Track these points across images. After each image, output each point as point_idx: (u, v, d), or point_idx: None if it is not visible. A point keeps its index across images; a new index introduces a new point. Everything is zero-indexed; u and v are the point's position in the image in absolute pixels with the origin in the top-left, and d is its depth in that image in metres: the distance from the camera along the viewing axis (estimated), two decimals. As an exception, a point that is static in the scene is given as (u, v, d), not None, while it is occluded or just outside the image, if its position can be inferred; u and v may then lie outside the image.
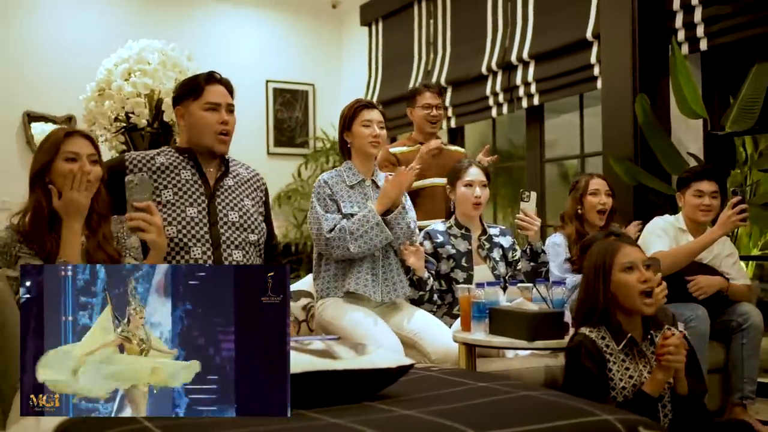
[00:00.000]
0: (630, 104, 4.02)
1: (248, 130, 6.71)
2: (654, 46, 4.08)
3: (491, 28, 5.33)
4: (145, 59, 4.15)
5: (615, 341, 2.19)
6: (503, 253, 3.22)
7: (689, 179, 3.43)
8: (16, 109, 5.72)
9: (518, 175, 6.13)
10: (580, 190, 3.31)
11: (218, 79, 2.68)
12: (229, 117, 2.64)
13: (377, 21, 6.59)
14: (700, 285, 3.23)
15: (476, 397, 1.79)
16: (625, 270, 2.20)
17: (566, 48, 4.65)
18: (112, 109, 4.04)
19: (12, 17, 5.79)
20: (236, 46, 6.70)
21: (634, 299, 2.18)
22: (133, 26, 5.97)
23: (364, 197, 3.04)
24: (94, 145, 2.34)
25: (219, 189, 2.61)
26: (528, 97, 5.01)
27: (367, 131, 3.02)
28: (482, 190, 3.18)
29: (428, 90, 4.00)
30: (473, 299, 2.54)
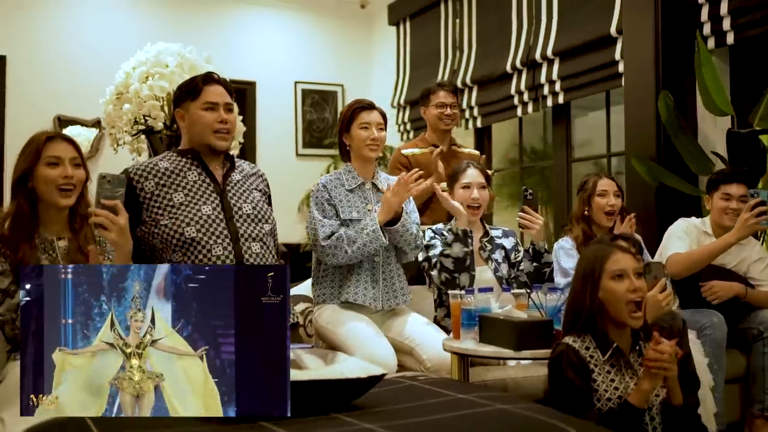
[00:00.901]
0: (653, 102, 3.88)
1: (277, 132, 6.75)
2: (679, 41, 3.92)
3: (516, 25, 5.22)
4: (163, 62, 4.18)
5: (600, 351, 2.08)
6: (506, 255, 3.13)
7: (718, 181, 3.31)
8: (48, 114, 5.82)
9: (551, 174, 6.01)
10: (587, 191, 3.19)
11: (216, 79, 2.68)
12: (228, 116, 2.63)
13: (405, 20, 6.53)
14: (714, 290, 3.10)
15: (449, 410, 1.73)
16: (615, 278, 2.08)
17: (590, 44, 4.51)
18: (130, 113, 4.08)
19: (43, 22, 5.90)
20: (265, 48, 6.71)
21: (621, 310, 2.06)
22: (162, 30, 6.04)
23: (364, 201, 2.97)
24: (76, 149, 2.33)
25: (228, 184, 2.61)
26: (553, 95, 4.88)
27: (365, 134, 2.95)
28: (480, 192, 3.09)
29: (442, 89, 3.92)
30: (463, 306, 2.45)
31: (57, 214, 2.30)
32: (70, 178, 2.26)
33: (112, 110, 4.19)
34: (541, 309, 2.44)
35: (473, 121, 5.68)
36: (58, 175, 2.25)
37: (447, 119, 3.88)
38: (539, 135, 6.34)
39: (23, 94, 5.76)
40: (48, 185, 2.23)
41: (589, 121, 5.56)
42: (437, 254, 2.98)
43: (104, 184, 2.18)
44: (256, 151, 6.66)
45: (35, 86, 5.80)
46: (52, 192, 2.25)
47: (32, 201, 2.26)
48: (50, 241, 2.28)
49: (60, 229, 2.31)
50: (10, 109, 5.73)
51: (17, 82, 5.76)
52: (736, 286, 3.14)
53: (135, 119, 4.10)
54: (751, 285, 3.22)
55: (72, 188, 2.27)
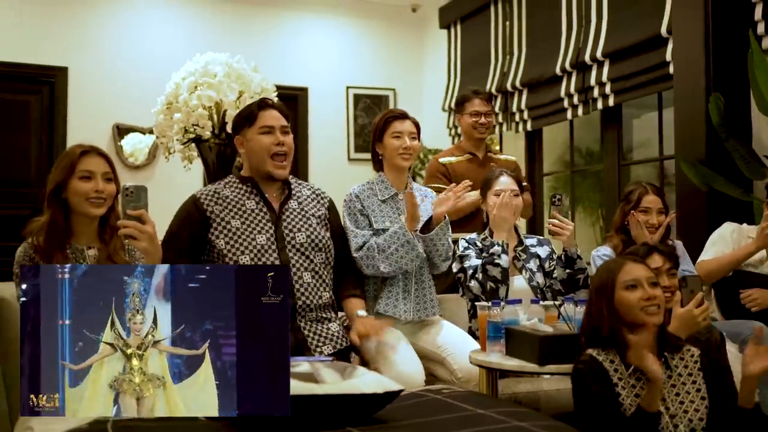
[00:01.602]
0: (703, 104, 3.76)
1: (329, 137, 6.80)
2: (731, 41, 3.79)
3: (565, 27, 5.14)
4: (211, 72, 4.27)
5: (624, 365, 2.04)
6: (540, 264, 3.08)
7: None
8: (107, 122, 6.01)
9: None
10: (631, 204, 3.09)
11: (270, 104, 2.76)
12: (285, 138, 2.70)
13: (455, 23, 6.49)
14: (753, 297, 3.01)
15: (464, 426, 1.72)
16: (628, 288, 2.06)
17: (641, 45, 4.40)
18: (180, 122, 4.18)
19: (101, 34, 6.10)
20: (316, 54, 6.78)
21: (636, 313, 2.04)
22: (216, 38, 6.17)
23: (396, 211, 2.97)
24: (109, 163, 2.41)
25: (284, 213, 2.67)
26: (603, 97, 4.78)
27: (397, 143, 2.95)
28: (513, 200, 3.05)
29: (477, 97, 3.89)
30: (489, 318, 2.42)
31: (88, 225, 2.38)
32: (101, 193, 2.34)
33: (163, 120, 4.31)
34: (570, 322, 2.39)
35: (523, 124, 5.62)
36: (90, 189, 2.33)
37: (481, 128, 3.85)
38: (594, 137, 6.23)
39: (84, 104, 5.96)
40: (79, 197, 2.31)
41: (649, 122, 5.42)
42: (477, 265, 2.96)
43: (128, 195, 2.24)
44: (308, 157, 6.73)
45: (95, 96, 5.99)
46: (83, 203, 2.33)
47: (65, 212, 2.35)
48: (80, 250, 2.36)
49: (90, 239, 2.39)
50: (72, 117, 5.94)
51: (78, 92, 5.97)
52: None
53: (185, 128, 4.21)
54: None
55: (103, 200, 2.36)
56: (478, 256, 3.01)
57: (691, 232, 3.71)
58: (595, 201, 6.34)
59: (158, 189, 4.70)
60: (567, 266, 2.98)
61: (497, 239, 2.97)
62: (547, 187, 6.02)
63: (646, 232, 2.99)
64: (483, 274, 2.92)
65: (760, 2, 3.71)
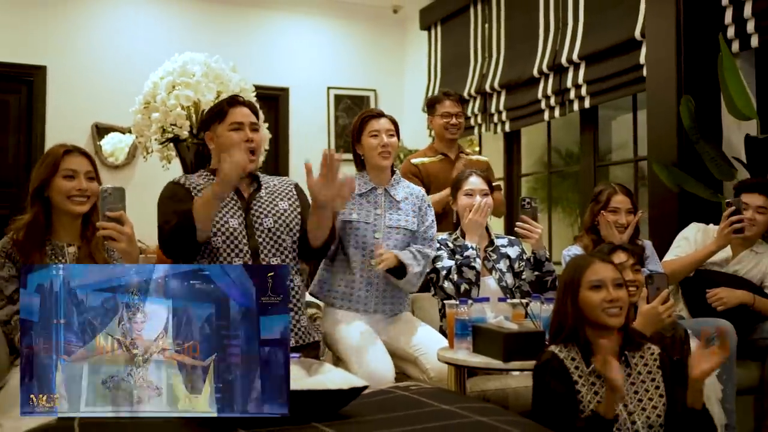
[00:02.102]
0: (675, 106, 3.82)
1: (310, 137, 6.81)
2: (702, 45, 3.85)
3: (543, 29, 5.19)
4: (189, 72, 4.28)
5: (585, 363, 2.08)
6: (510, 264, 3.11)
7: (740, 190, 3.31)
8: (86, 121, 5.99)
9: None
10: (600, 204, 3.14)
11: (241, 101, 2.78)
12: (254, 135, 2.72)
13: (436, 25, 6.54)
14: (720, 296, 3.06)
15: (426, 421, 1.75)
16: (593, 288, 2.09)
17: (616, 48, 4.46)
18: (158, 121, 4.19)
19: (81, 33, 6.08)
20: (298, 54, 6.79)
21: (598, 313, 2.07)
22: (196, 38, 6.17)
23: (374, 205, 2.99)
24: (91, 162, 2.46)
25: (253, 200, 2.70)
26: (579, 99, 4.84)
27: (375, 141, 2.98)
28: (483, 199, 3.08)
29: (448, 98, 3.93)
30: (457, 316, 2.46)
31: (70, 222, 2.42)
32: (83, 191, 2.40)
33: (140, 119, 4.32)
34: (537, 319, 2.43)
35: (502, 125, 5.66)
36: (72, 187, 2.38)
37: (452, 128, 3.90)
38: (574, 139, 6.29)
39: (63, 103, 5.94)
40: (61, 195, 2.36)
41: (627, 123, 5.48)
42: (450, 266, 2.98)
43: (106, 196, 2.26)
44: (289, 157, 6.74)
45: (74, 95, 5.97)
46: (65, 201, 2.38)
47: (47, 210, 2.39)
48: (60, 248, 2.39)
49: (71, 237, 2.43)
50: (51, 117, 5.92)
51: (57, 92, 5.94)
52: (741, 293, 3.09)
53: (163, 128, 4.22)
54: (765, 294, 3.16)
55: (86, 198, 2.40)
56: (450, 257, 3.04)
57: (663, 232, 3.77)
58: (573, 201, 6.40)
59: (138, 189, 4.72)
60: (535, 268, 3.02)
61: (470, 242, 3.00)
62: (525, 188, 6.07)
63: (615, 232, 3.04)
64: (458, 275, 2.95)
65: (730, 6, 3.77)
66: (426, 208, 3.07)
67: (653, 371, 2.13)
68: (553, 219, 5.80)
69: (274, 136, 6.42)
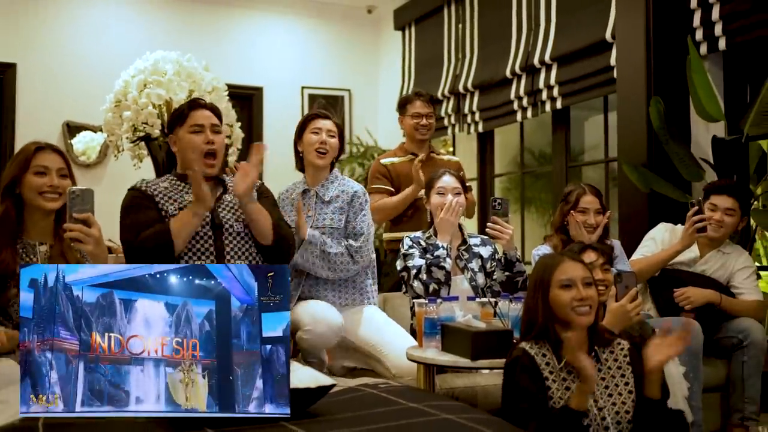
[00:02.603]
0: (644, 107, 3.86)
1: (283, 137, 6.72)
2: (671, 47, 3.90)
3: (515, 30, 5.22)
4: (161, 70, 4.25)
5: (556, 358, 2.10)
6: (482, 264, 3.12)
7: (709, 191, 3.36)
8: (57, 120, 5.92)
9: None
10: (569, 204, 3.16)
11: (202, 104, 2.79)
12: (215, 137, 2.71)
13: (410, 25, 6.55)
14: (687, 295, 3.11)
15: (395, 419, 1.76)
16: (563, 287, 2.11)
17: (587, 49, 4.50)
18: (130, 120, 4.15)
19: (51, 30, 6.00)
20: (272, 53, 6.76)
21: (567, 312, 2.09)
22: (170, 36, 6.13)
23: (306, 207, 3.04)
24: (64, 160, 2.44)
25: (220, 206, 2.68)
26: (551, 100, 4.88)
27: (314, 137, 3.02)
28: (455, 198, 3.09)
29: (418, 98, 3.95)
30: (425, 315, 2.47)
31: (42, 219, 2.40)
32: (55, 187, 2.37)
33: (111, 118, 4.28)
34: (504, 318, 2.45)
35: (475, 125, 5.69)
36: (43, 184, 2.36)
37: (423, 129, 3.91)
38: (548, 140, 6.34)
39: (33, 101, 5.86)
40: (33, 192, 2.34)
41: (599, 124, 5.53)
42: (421, 265, 2.98)
43: (74, 198, 2.24)
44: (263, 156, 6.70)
45: (44, 93, 5.90)
46: (37, 198, 2.36)
47: (19, 207, 2.37)
48: (32, 246, 2.37)
49: (42, 235, 2.40)
50: (21, 115, 5.84)
51: (27, 90, 5.86)
52: (709, 292, 3.14)
53: (134, 126, 4.18)
54: (731, 293, 3.21)
55: (58, 195, 2.38)
56: (422, 255, 3.05)
57: (632, 232, 3.81)
58: (546, 202, 6.45)
59: (110, 188, 4.66)
60: (506, 269, 3.02)
61: (442, 242, 3.01)
62: (499, 188, 6.10)
63: (584, 232, 3.06)
64: (427, 275, 2.96)
65: (699, 9, 3.82)
66: (360, 204, 3.05)
67: (623, 366, 2.16)
68: (526, 219, 5.84)
69: (247, 135, 6.39)
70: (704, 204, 3.26)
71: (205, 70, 4.47)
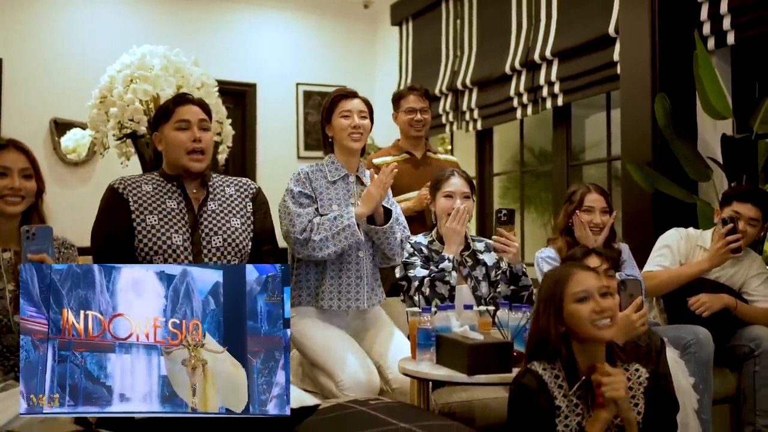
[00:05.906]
0: (649, 105, 3.72)
1: (278, 134, 6.66)
2: (677, 42, 3.76)
3: (515, 25, 5.08)
4: (148, 65, 4.11)
5: (569, 382, 1.90)
6: (486, 272, 2.93)
7: (731, 197, 3.14)
8: (44, 116, 5.77)
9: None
10: (573, 204, 3.00)
11: (189, 99, 2.63)
12: (202, 134, 2.56)
13: (407, 20, 6.41)
14: (702, 301, 2.94)
15: (384, 442, 1.62)
16: (578, 301, 1.90)
17: (589, 45, 4.36)
18: (115, 116, 4.01)
19: (39, 25, 5.85)
20: (266, 49, 6.63)
21: (587, 328, 1.89)
22: (161, 31, 5.97)
23: (346, 194, 2.82)
24: (29, 159, 2.26)
25: (203, 215, 2.53)
26: (552, 97, 4.73)
27: (346, 122, 2.80)
28: (463, 202, 2.91)
29: (412, 93, 3.79)
30: (419, 325, 2.31)
31: (4, 224, 2.22)
32: (17, 190, 2.19)
33: (96, 114, 4.14)
34: (504, 329, 2.29)
35: (473, 123, 5.54)
36: (3, 186, 2.18)
37: (417, 125, 3.75)
38: (549, 137, 6.19)
39: (20, 97, 5.71)
40: None
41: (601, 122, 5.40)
42: (423, 276, 2.80)
43: (29, 237, 2.04)
44: (256, 154, 6.58)
45: (31, 89, 5.74)
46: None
47: None
48: None
49: (6, 241, 2.23)
50: (7, 111, 5.68)
51: (13, 85, 5.71)
52: (725, 296, 2.99)
53: (120, 123, 4.04)
54: (744, 300, 3.06)
55: (20, 199, 2.20)
56: (424, 264, 2.87)
57: (637, 234, 3.67)
58: (546, 201, 6.31)
59: (100, 186, 4.48)
60: (511, 282, 2.87)
61: (447, 253, 2.83)
62: (498, 188, 5.96)
63: (589, 233, 2.91)
64: (430, 289, 2.77)
65: (706, 3, 3.68)
66: (388, 194, 2.91)
67: (637, 395, 1.96)
68: (526, 219, 5.70)
69: (240, 132, 6.27)
70: (725, 210, 3.09)
71: (194, 65, 4.34)
